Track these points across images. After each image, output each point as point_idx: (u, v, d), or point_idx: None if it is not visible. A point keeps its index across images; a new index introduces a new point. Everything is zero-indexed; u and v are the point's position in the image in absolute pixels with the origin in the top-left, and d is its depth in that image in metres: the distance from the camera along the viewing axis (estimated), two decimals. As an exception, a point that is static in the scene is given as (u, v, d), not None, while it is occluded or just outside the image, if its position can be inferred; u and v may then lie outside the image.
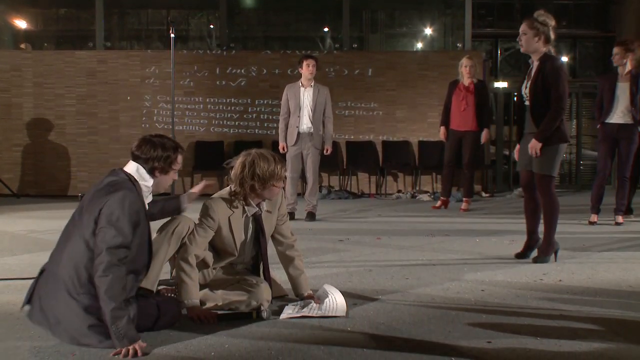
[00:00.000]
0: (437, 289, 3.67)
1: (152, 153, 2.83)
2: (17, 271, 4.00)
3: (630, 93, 6.20)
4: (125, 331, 2.50)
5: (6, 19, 11.46)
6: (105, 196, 2.67)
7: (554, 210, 4.38)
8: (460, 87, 7.52)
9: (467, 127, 7.50)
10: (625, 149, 6.34)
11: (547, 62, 4.31)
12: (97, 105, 9.73)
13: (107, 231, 2.59)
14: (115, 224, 2.61)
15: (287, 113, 6.81)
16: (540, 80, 4.30)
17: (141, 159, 2.84)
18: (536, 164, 4.36)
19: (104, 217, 2.61)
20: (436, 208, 7.83)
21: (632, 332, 2.86)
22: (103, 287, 2.53)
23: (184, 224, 3.14)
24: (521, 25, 4.39)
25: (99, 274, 2.55)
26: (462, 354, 2.54)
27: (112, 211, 2.62)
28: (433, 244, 5.23)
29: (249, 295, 3.11)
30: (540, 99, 4.32)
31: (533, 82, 4.34)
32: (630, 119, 6.25)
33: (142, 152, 2.84)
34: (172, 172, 2.92)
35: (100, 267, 2.55)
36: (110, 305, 2.51)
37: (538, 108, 4.34)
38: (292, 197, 6.82)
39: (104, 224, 2.60)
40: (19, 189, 9.41)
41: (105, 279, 2.54)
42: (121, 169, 2.86)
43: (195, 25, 12.56)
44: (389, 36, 12.97)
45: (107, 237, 2.59)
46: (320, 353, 2.56)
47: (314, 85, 6.76)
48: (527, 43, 4.34)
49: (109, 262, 2.56)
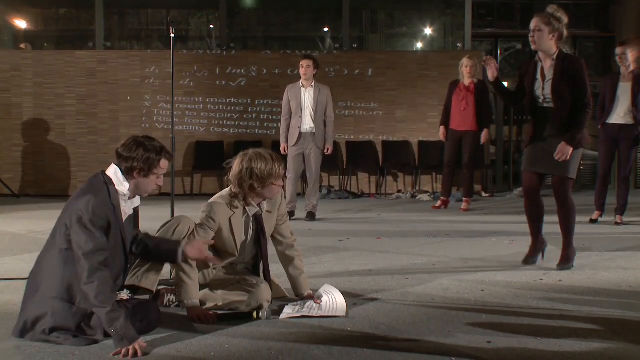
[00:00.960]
0: (437, 289, 3.67)
1: (134, 153, 2.78)
2: (17, 271, 4.00)
3: (632, 93, 6.20)
4: (124, 331, 2.50)
5: (6, 19, 11.45)
6: (75, 201, 2.67)
7: (574, 213, 4.20)
8: (461, 87, 7.51)
9: (467, 127, 7.49)
10: (626, 150, 6.33)
11: (568, 60, 4.09)
12: (97, 105, 9.72)
13: (79, 237, 2.59)
14: (85, 228, 2.60)
15: (288, 114, 6.80)
16: (565, 80, 4.07)
17: (122, 157, 2.79)
18: (559, 167, 4.11)
19: (74, 222, 2.61)
20: (436, 208, 7.83)
21: (632, 332, 2.86)
22: (92, 293, 2.53)
23: (185, 224, 3.14)
24: (534, 21, 4.11)
25: (84, 282, 2.55)
26: (462, 354, 2.54)
27: (80, 216, 2.61)
28: (433, 244, 5.23)
29: (249, 296, 3.11)
30: (568, 100, 4.08)
31: (557, 82, 4.08)
32: (631, 119, 6.24)
33: (125, 151, 2.80)
34: (154, 177, 2.83)
35: (84, 275, 2.55)
36: (104, 309, 2.52)
37: (565, 109, 4.09)
38: (292, 196, 6.81)
39: (75, 229, 2.60)
40: (19, 189, 9.40)
41: (92, 285, 2.54)
42: (103, 171, 2.81)
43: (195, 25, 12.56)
44: (389, 36, 12.96)
45: (81, 243, 2.58)
46: (320, 353, 2.56)
47: (315, 85, 6.75)
48: (542, 40, 4.08)
49: (90, 268, 2.55)
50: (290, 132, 6.78)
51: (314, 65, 6.72)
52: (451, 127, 7.61)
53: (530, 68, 4.24)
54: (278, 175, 3.17)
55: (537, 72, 4.20)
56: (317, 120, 6.70)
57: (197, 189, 9.72)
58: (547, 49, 4.11)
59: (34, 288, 2.70)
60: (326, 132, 6.79)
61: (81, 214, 2.61)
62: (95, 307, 2.54)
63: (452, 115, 7.58)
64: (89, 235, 2.59)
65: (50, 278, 2.66)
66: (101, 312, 2.52)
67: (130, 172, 2.79)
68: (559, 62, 4.10)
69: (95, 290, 2.53)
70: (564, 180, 4.15)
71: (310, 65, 6.69)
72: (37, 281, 2.70)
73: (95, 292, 2.53)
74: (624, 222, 6.42)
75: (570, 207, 4.18)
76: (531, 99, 4.24)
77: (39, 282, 2.69)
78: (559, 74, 4.09)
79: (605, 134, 6.39)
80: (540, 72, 4.19)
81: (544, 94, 4.17)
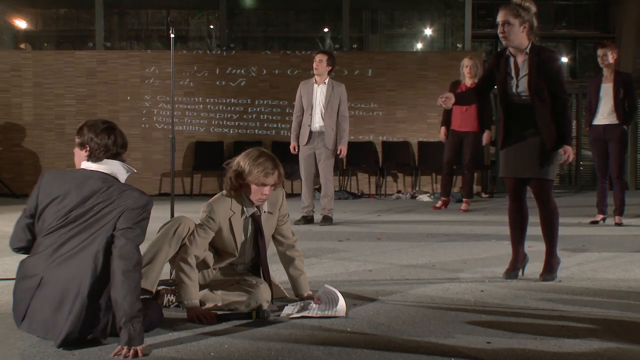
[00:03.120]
0: (437, 289, 3.67)
1: (112, 139, 2.76)
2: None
3: (613, 93, 6.26)
4: (138, 332, 2.50)
5: (6, 19, 11.45)
6: (119, 200, 2.66)
7: (557, 217, 3.90)
8: (462, 87, 7.48)
9: (468, 127, 7.49)
10: (615, 150, 6.37)
11: (542, 54, 3.78)
12: (97, 105, 9.73)
13: (133, 232, 2.62)
14: (141, 224, 2.66)
15: (300, 111, 6.54)
16: (541, 75, 3.75)
17: (93, 153, 2.76)
18: (538, 169, 3.82)
19: (128, 219, 2.63)
20: (436, 208, 7.83)
21: (632, 332, 2.86)
22: (132, 283, 2.52)
23: (185, 225, 3.14)
24: (500, 14, 3.78)
25: (128, 268, 2.53)
26: (461, 354, 2.54)
27: (134, 214, 2.65)
28: (433, 245, 5.23)
29: (248, 296, 3.11)
30: (545, 95, 3.76)
31: (533, 77, 3.76)
32: (616, 118, 6.29)
33: (88, 139, 2.75)
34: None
35: (130, 263, 2.55)
36: (137, 305, 2.51)
37: (543, 106, 3.77)
38: (308, 200, 6.51)
39: (131, 224, 2.62)
40: (19, 189, 9.40)
41: (135, 275, 2.55)
42: (89, 169, 2.75)
43: (195, 25, 12.56)
44: (388, 36, 12.97)
45: (134, 236, 2.62)
46: (320, 353, 2.56)
47: (329, 81, 6.47)
48: (513, 34, 3.75)
49: (138, 260, 2.59)
50: (301, 130, 6.51)
51: (327, 60, 6.42)
52: (452, 128, 7.60)
53: (501, 63, 3.91)
54: (257, 177, 3.09)
55: (509, 67, 3.87)
56: (327, 120, 6.40)
57: (197, 189, 9.73)
58: (519, 43, 3.78)
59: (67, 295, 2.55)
60: (339, 131, 6.47)
61: (136, 213, 2.65)
62: (127, 297, 2.49)
63: (453, 116, 7.57)
64: (143, 230, 2.67)
65: (93, 282, 2.56)
66: (131, 307, 2.49)
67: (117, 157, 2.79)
68: (533, 55, 3.78)
69: (136, 282, 2.54)
70: (545, 182, 3.85)
71: (323, 60, 6.41)
72: (69, 287, 2.56)
73: (135, 283, 2.53)
74: (623, 222, 6.43)
75: (553, 209, 3.88)
76: (503, 97, 3.90)
77: (71, 287, 2.55)
78: (534, 69, 3.76)
79: (594, 135, 6.49)
80: (514, 67, 3.85)
81: (518, 91, 3.84)
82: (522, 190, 3.97)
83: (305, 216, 6.53)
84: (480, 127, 7.50)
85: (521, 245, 4.01)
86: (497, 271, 4.16)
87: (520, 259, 4.01)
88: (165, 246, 3.08)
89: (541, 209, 3.90)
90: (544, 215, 3.90)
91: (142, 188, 2.90)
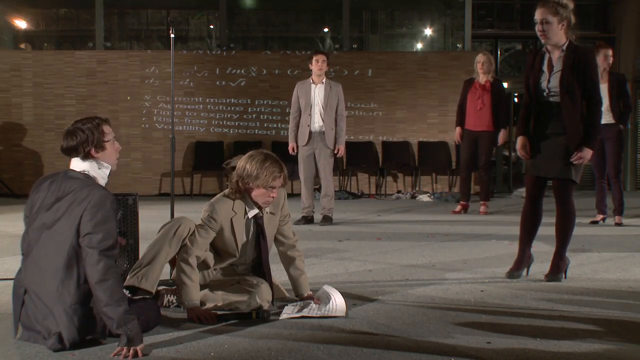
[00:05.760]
0: (437, 289, 3.67)
1: (80, 139, 2.72)
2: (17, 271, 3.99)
3: (608, 93, 6.26)
4: (136, 332, 2.49)
5: (6, 19, 11.45)
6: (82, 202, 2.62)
7: (573, 220, 3.86)
8: (476, 85, 7.23)
9: (483, 127, 7.19)
10: (611, 149, 6.37)
11: (578, 52, 3.73)
12: (97, 105, 9.73)
13: (95, 237, 2.56)
14: (103, 227, 2.58)
15: (297, 111, 6.55)
16: (575, 74, 3.71)
17: (76, 151, 2.73)
18: (563, 169, 3.78)
19: (88, 219, 2.58)
20: (456, 213, 7.44)
21: (632, 332, 2.86)
22: (108, 291, 2.50)
23: (185, 225, 3.13)
24: (539, 11, 3.71)
25: (100, 278, 2.51)
26: (461, 354, 2.54)
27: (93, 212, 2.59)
28: (433, 245, 5.23)
29: (249, 296, 3.11)
30: (575, 94, 3.71)
31: (566, 74, 3.71)
32: (611, 118, 6.30)
33: (70, 142, 2.72)
34: (108, 144, 2.78)
35: (99, 272, 2.51)
36: (120, 309, 2.49)
37: (572, 105, 3.72)
38: (308, 200, 6.53)
39: (91, 228, 2.57)
40: (19, 189, 9.40)
41: (109, 281, 2.52)
42: (73, 170, 2.74)
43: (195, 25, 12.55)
44: (388, 36, 12.96)
45: (98, 239, 2.56)
46: (320, 353, 2.56)
47: (326, 81, 6.50)
48: (552, 32, 3.70)
49: (107, 265, 2.54)
50: (300, 130, 6.51)
51: (327, 60, 6.49)
52: (466, 128, 7.29)
53: (536, 59, 3.89)
54: (265, 181, 3.09)
55: (543, 63, 3.85)
56: (327, 119, 6.43)
57: (197, 189, 9.73)
58: (557, 40, 3.74)
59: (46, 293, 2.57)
60: (337, 131, 6.49)
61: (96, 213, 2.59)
62: (108, 307, 2.49)
63: (467, 115, 7.27)
64: (106, 232, 2.59)
65: (60, 281, 2.57)
66: (117, 312, 2.48)
67: (88, 156, 2.74)
68: (570, 53, 3.74)
69: (112, 288, 2.51)
70: (567, 183, 3.81)
71: (325, 61, 6.45)
72: (42, 285, 2.59)
73: (111, 290, 2.50)
74: (623, 222, 6.43)
75: (571, 211, 3.84)
76: (535, 92, 3.88)
77: (43, 285, 2.59)
78: (568, 66, 3.73)
79: None
80: (548, 64, 3.83)
81: (549, 87, 3.80)
82: (540, 191, 3.94)
83: (306, 216, 6.53)
84: (495, 126, 7.21)
85: (528, 247, 3.99)
86: (497, 271, 4.16)
87: (525, 260, 4.00)
88: (165, 246, 3.08)
89: (559, 209, 3.87)
90: (561, 216, 3.86)
91: (142, 188, 2.91)
